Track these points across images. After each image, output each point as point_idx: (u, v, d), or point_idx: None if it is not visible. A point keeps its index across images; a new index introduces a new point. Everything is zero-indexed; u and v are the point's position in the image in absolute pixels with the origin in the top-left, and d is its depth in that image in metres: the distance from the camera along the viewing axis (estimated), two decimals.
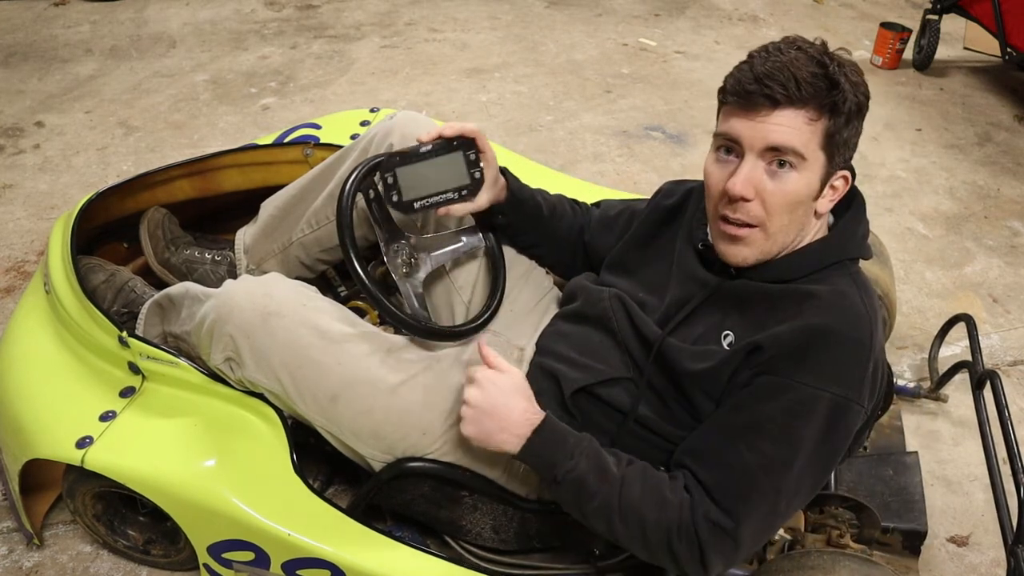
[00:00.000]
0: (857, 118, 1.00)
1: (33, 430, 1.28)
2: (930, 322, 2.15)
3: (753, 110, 0.97)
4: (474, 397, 1.04)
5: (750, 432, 0.98)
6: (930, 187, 2.78)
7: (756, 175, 0.99)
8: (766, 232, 1.02)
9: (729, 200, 1.01)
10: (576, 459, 1.01)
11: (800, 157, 0.97)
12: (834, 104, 0.96)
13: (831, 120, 0.97)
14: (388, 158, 1.14)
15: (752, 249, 1.04)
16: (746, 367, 1.02)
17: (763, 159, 0.99)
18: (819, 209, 1.04)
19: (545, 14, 3.95)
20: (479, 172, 1.20)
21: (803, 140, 0.97)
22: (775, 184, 0.99)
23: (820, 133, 0.97)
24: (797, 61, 0.96)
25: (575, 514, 1.06)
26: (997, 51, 3.31)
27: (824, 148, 0.98)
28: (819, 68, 0.96)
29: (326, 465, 1.47)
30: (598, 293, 1.23)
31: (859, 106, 0.99)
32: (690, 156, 2.84)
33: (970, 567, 1.55)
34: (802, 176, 0.99)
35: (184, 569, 1.44)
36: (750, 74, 0.97)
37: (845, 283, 1.04)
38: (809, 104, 0.96)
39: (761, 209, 1.00)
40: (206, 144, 2.73)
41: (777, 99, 0.95)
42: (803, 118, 0.96)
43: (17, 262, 2.17)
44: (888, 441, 1.61)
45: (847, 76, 0.97)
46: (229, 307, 1.15)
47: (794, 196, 0.99)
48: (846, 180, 1.04)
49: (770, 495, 0.98)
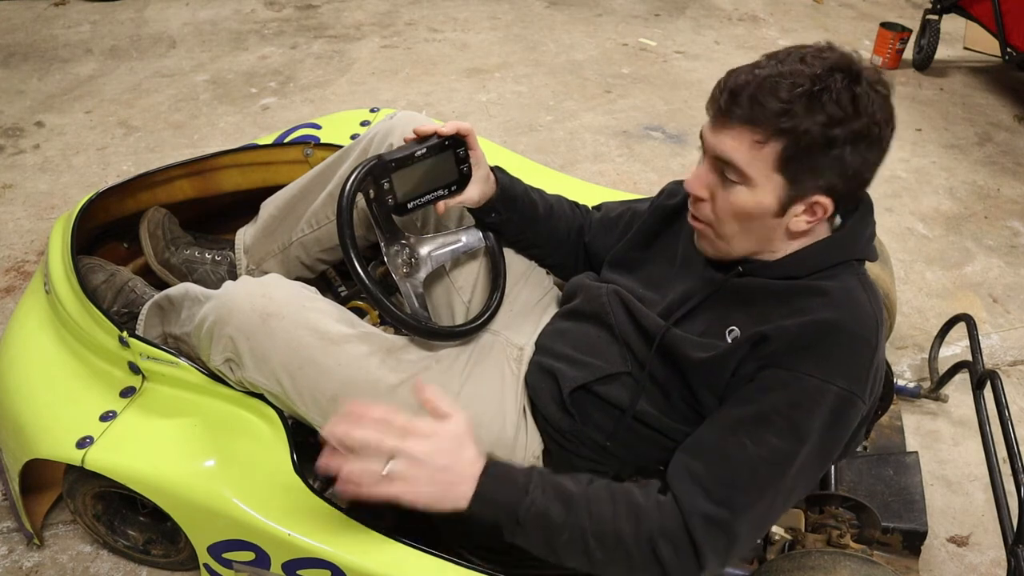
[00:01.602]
0: (828, 149, 0.93)
1: (33, 430, 1.28)
2: (930, 322, 2.15)
3: (715, 117, 0.98)
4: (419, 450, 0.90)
5: (755, 425, 0.97)
6: (930, 187, 2.78)
7: (710, 178, 1.02)
8: (716, 232, 1.05)
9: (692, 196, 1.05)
10: (532, 493, 0.94)
11: (744, 176, 0.97)
12: (786, 131, 0.92)
13: (786, 144, 0.93)
14: (384, 163, 1.14)
15: (708, 245, 1.08)
16: (751, 359, 1.01)
17: (714, 167, 1.01)
18: (792, 227, 1.01)
19: (545, 14, 3.95)
20: (467, 167, 1.21)
21: (747, 159, 0.96)
22: (723, 192, 1.00)
23: (772, 156, 0.95)
24: (780, 77, 0.92)
25: (548, 555, 0.98)
26: (997, 51, 3.32)
27: (781, 171, 0.96)
28: (792, 90, 0.91)
29: None
30: (597, 290, 1.23)
31: (828, 139, 0.92)
32: (690, 156, 2.84)
33: (970, 567, 1.55)
34: (751, 193, 0.98)
35: (184, 569, 1.44)
36: (725, 83, 0.97)
37: (852, 282, 1.04)
38: (758, 126, 0.94)
39: (711, 211, 1.03)
40: (206, 144, 2.74)
41: (730, 115, 0.95)
42: (749, 139, 0.95)
43: (17, 262, 2.17)
44: (888, 441, 1.61)
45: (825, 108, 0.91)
46: (229, 308, 1.15)
47: (740, 209, 1.00)
48: (824, 208, 0.99)
49: (769, 488, 0.97)
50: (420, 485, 0.91)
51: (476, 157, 1.22)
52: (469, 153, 1.21)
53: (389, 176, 1.15)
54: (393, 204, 1.17)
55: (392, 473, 0.89)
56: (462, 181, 1.22)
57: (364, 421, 0.91)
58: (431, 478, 0.91)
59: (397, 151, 1.17)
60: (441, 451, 0.92)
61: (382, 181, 1.14)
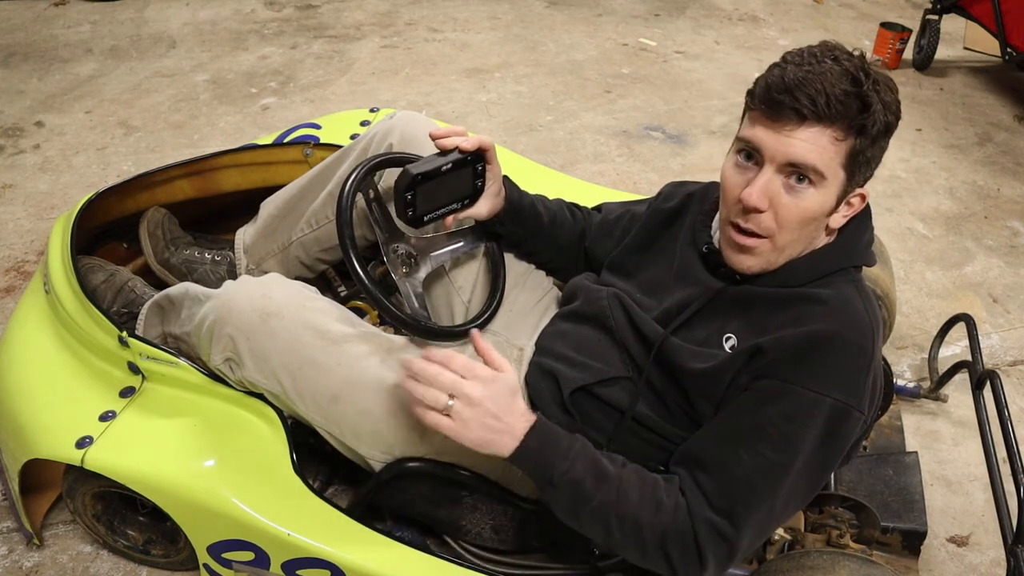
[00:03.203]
0: (884, 138, 0.96)
1: (33, 430, 1.28)
2: (930, 322, 2.15)
3: (779, 121, 0.94)
4: (476, 394, 0.93)
5: (750, 436, 0.98)
6: (930, 187, 2.78)
7: (773, 187, 0.97)
8: (774, 244, 1.01)
9: (743, 209, 0.99)
10: (572, 460, 0.97)
11: (820, 175, 0.95)
12: (863, 125, 0.93)
13: (857, 140, 0.94)
14: (412, 177, 1.12)
15: (758, 259, 1.03)
16: (747, 370, 1.01)
17: (782, 172, 0.97)
18: (831, 224, 1.02)
19: (545, 14, 3.95)
20: (481, 182, 1.21)
21: (825, 159, 0.94)
22: (790, 198, 0.97)
23: (844, 152, 0.94)
24: (831, 74, 0.92)
25: (569, 519, 1.02)
26: (997, 51, 3.32)
27: (846, 167, 0.96)
28: (852, 85, 0.92)
29: (326, 465, 1.47)
30: (597, 292, 1.22)
31: (887, 127, 0.95)
32: (690, 156, 2.84)
33: (970, 567, 1.55)
34: (819, 193, 0.96)
35: (184, 569, 1.44)
36: (781, 82, 0.93)
37: (849, 290, 1.04)
38: (837, 123, 0.92)
39: (773, 221, 0.99)
40: (206, 144, 2.74)
41: (805, 114, 0.92)
42: (829, 137, 0.93)
43: (17, 262, 2.17)
44: (888, 441, 1.61)
45: (880, 95, 0.93)
46: (229, 308, 1.15)
47: (808, 212, 0.98)
48: (862, 198, 1.02)
49: (767, 499, 0.97)
50: (471, 427, 0.94)
51: (493, 172, 1.22)
52: (486, 168, 1.20)
53: (415, 189, 1.13)
54: (412, 216, 1.16)
55: (449, 409, 0.93)
56: (475, 195, 1.22)
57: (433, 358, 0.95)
58: (482, 423, 0.94)
59: (423, 163, 1.14)
60: (495, 398, 0.94)
61: (406, 193, 1.13)
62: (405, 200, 1.13)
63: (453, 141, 1.16)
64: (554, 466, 0.97)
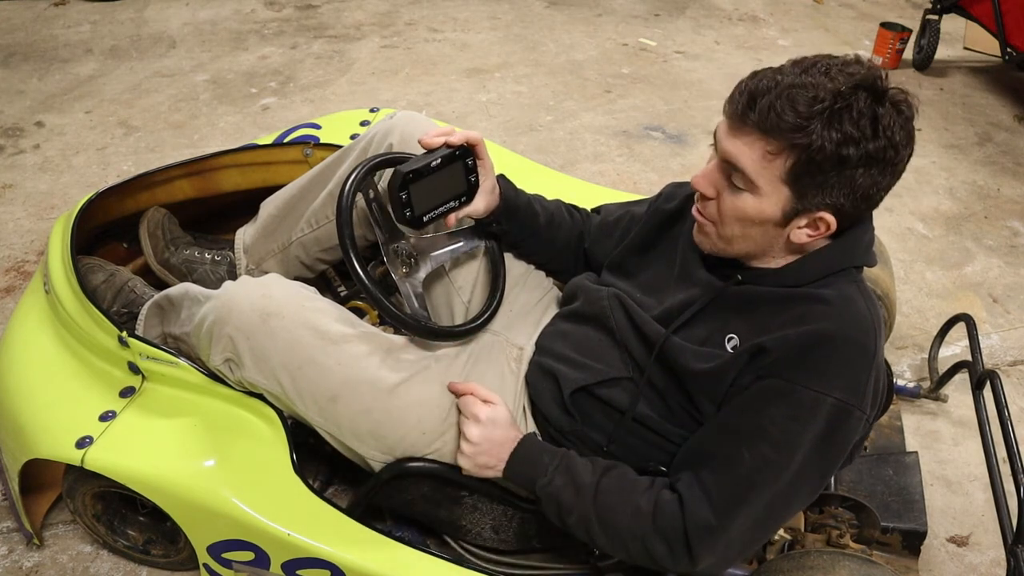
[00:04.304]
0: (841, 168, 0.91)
1: (33, 430, 1.28)
2: (930, 322, 2.15)
3: (731, 119, 0.97)
4: (476, 436, 1.10)
5: (752, 435, 0.98)
6: (930, 187, 2.78)
7: (717, 177, 1.01)
8: (719, 232, 1.05)
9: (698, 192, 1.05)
10: (550, 475, 1.08)
11: (751, 183, 0.96)
12: (799, 146, 0.91)
13: (798, 160, 0.92)
14: (403, 176, 1.12)
15: (707, 240, 1.08)
16: (749, 370, 1.01)
17: (722, 168, 1.00)
18: (793, 239, 1.00)
19: (545, 14, 3.95)
20: (475, 177, 1.21)
21: (756, 168, 0.95)
22: (728, 194, 1.00)
23: (782, 168, 0.94)
24: (801, 88, 0.90)
25: (561, 527, 1.10)
26: (997, 51, 3.32)
27: (788, 184, 0.95)
28: (807, 105, 0.89)
29: (326, 465, 1.47)
30: (597, 292, 1.22)
31: (840, 159, 0.90)
32: (690, 156, 2.84)
33: (970, 567, 1.55)
34: (755, 200, 0.97)
35: (184, 569, 1.44)
36: (746, 85, 0.95)
37: (851, 290, 1.04)
38: (771, 136, 0.92)
39: (715, 211, 1.03)
40: (206, 144, 2.74)
41: (745, 119, 0.94)
42: (762, 148, 0.94)
43: (17, 262, 2.17)
44: (888, 441, 1.61)
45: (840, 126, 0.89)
46: (228, 308, 1.15)
47: (742, 213, 0.99)
48: (828, 224, 0.98)
49: (765, 498, 0.98)
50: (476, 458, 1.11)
51: (484, 167, 1.22)
52: (478, 163, 1.20)
53: (407, 188, 1.13)
54: (411, 216, 1.16)
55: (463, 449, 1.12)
56: (470, 192, 1.21)
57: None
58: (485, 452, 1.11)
59: (412, 162, 1.15)
60: (498, 425, 1.11)
61: (400, 194, 1.13)
62: (401, 200, 1.14)
63: (439, 139, 1.17)
64: (534, 482, 1.09)
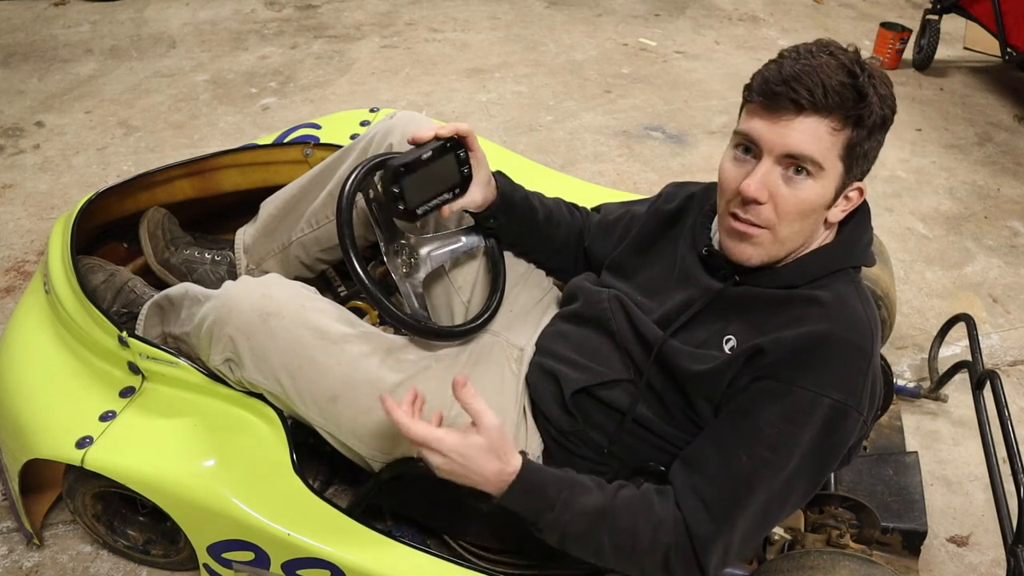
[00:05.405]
0: (881, 131, 0.98)
1: (33, 430, 1.28)
2: (930, 322, 2.15)
3: (776, 112, 0.95)
4: (441, 465, 0.97)
5: (749, 437, 0.98)
6: (930, 187, 2.78)
7: (771, 178, 0.98)
8: (775, 235, 1.01)
9: (742, 200, 1.00)
10: (557, 511, 0.98)
11: (818, 166, 0.96)
12: (859, 116, 0.94)
13: (854, 131, 0.95)
14: (393, 168, 1.13)
15: (758, 250, 1.03)
16: (746, 371, 1.01)
17: (780, 164, 0.97)
18: (830, 218, 1.02)
19: (545, 14, 3.95)
20: (467, 168, 1.21)
21: (823, 149, 0.95)
22: (789, 190, 0.97)
23: (841, 144, 0.95)
24: (827, 67, 0.93)
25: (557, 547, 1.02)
26: (997, 51, 3.32)
27: (843, 159, 0.97)
28: (848, 77, 0.93)
29: (326, 465, 1.47)
30: (597, 294, 1.22)
31: (884, 119, 0.97)
32: (690, 156, 2.84)
33: (970, 567, 1.55)
34: (817, 184, 0.97)
35: (184, 569, 1.44)
36: (778, 75, 0.94)
37: (848, 291, 1.04)
38: (834, 113, 0.94)
39: (772, 213, 0.99)
40: (206, 144, 2.74)
41: (802, 104, 0.93)
42: (826, 127, 0.94)
43: (17, 262, 2.17)
44: (888, 441, 1.61)
45: (876, 88, 0.95)
46: (228, 308, 1.15)
47: (807, 204, 0.98)
48: (861, 192, 1.02)
49: (762, 499, 0.98)
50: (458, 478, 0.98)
51: (477, 159, 1.22)
52: (469, 155, 1.21)
53: (400, 182, 1.13)
54: (404, 210, 1.16)
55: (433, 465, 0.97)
56: (464, 183, 1.22)
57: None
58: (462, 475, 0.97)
59: (403, 156, 1.16)
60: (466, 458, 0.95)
61: (393, 187, 1.13)
62: (393, 194, 1.14)
63: (428, 132, 1.17)
64: (538, 516, 0.99)
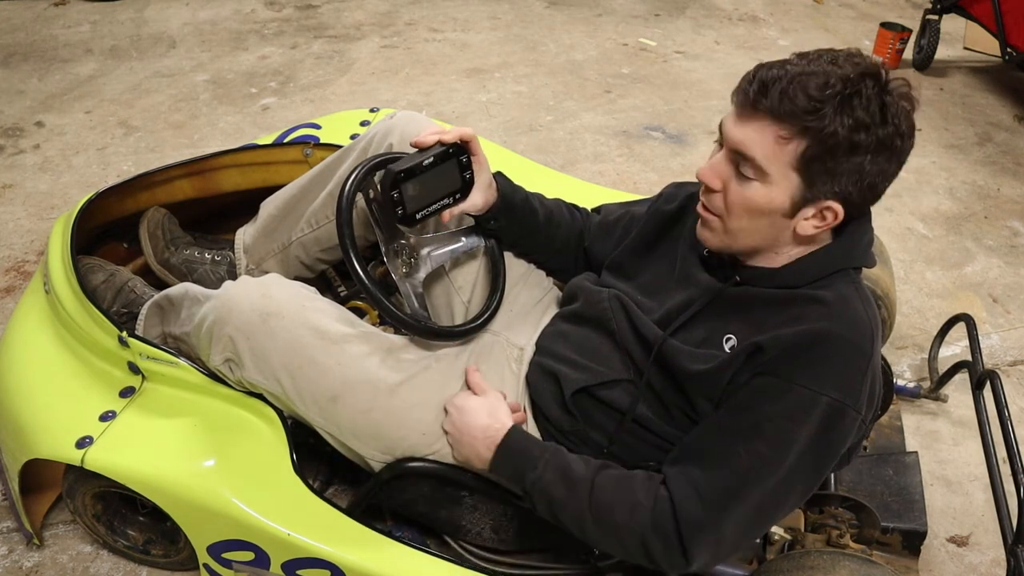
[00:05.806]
0: (850, 154, 0.92)
1: (33, 430, 1.28)
2: (930, 322, 2.15)
3: (739, 108, 0.97)
4: (445, 424, 1.15)
5: (747, 433, 0.98)
6: (930, 187, 2.78)
7: (724, 169, 1.00)
8: (725, 226, 1.03)
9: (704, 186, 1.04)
10: (540, 470, 1.05)
11: (761, 171, 0.96)
12: (812, 130, 0.91)
13: (809, 145, 0.92)
14: (392, 174, 1.13)
15: (714, 235, 1.06)
16: (746, 368, 1.01)
17: (731, 159, 0.99)
18: (799, 231, 1.00)
19: (545, 14, 3.95)
20: (470, 173, 1.21)
21: (766, 155, 0.95)
22: (737, 185, 0.99)
23: (793, 154, 0.94)
24: (810, 76, 0.91)
25: (553, 521, 1.07)
26: (997, 51, 3.32)
27: (799, 171, 0.95)
28: (818, 90, 0.90)
29: (326, 465, 1.47)
30: (598, 294, 1.22)
31: (853, 144, 0.91)
32: (690, 156, 2.84)
33: (970, 567, 1.55)
34: (764, 188, 0.97)
35: (184, 569, 1.44)
36: (752, 73, 0.96)
37: (848, 291, 1.04)
38: (784, 121, 0.92)
39: (722, 203, 1.02)
40: (206, 144, 2.74)
41: (755, 104, 0.94)
42: (773, 133, 0.93)
43: (17, 262, 2.17)
44: (888, 441, 1.61)
45: (852, 112, 0.90)
46: (228, 308, 1.15)
47: (752, 203, 0.98)
48: (835, 214, 0.98)
49: (757, 495, 0.98)
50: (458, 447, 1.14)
51: (479, 163, 1.22)
52: (472, 159, 1.21)
53: (399, 187, 1.13)
54: (403, 215, 1.16)
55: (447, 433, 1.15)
56: (465, 188, 1.22)
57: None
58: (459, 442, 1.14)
59: (404, 161, 1.16)
60: (461, 412, 1.13)
61: (392, 192, 1.13)
62: (392, 199, 1.14)
63: (432, 138, 1.17)
64: (522, 476, 1.07)
